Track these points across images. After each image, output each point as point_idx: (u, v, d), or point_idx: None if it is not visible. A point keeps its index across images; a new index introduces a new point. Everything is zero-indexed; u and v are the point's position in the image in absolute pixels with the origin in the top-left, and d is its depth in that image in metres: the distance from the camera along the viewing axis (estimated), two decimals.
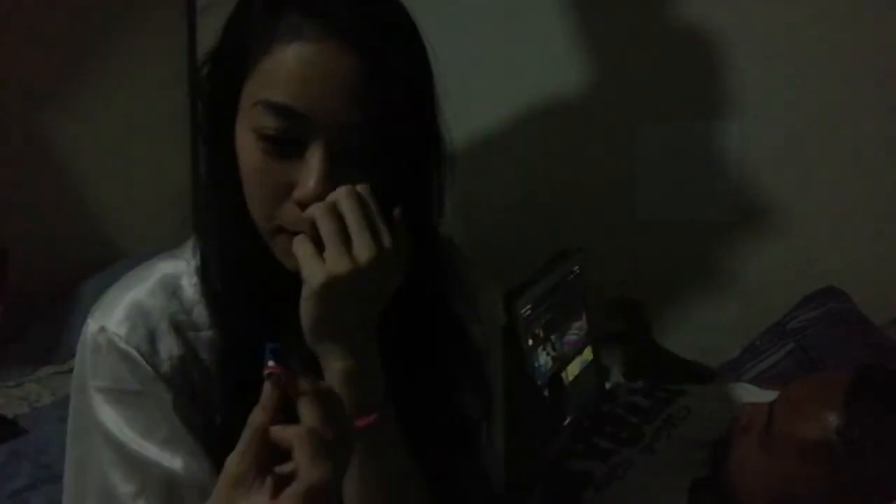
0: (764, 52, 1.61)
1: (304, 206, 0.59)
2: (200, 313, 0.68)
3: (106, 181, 2.06)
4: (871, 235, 1.56)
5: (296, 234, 0.60)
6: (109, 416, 0.65)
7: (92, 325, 0.67)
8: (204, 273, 0.68)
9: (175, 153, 2.11)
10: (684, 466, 1.04)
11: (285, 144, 0.59)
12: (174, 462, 0.64)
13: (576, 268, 1.23)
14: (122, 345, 0.65)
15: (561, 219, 1.84)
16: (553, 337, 1.15)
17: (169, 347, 0.66)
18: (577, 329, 1.24)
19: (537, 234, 1.70)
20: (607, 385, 1.33)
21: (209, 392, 0.67)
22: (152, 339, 0.66)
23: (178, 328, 0.67)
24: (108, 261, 1.92)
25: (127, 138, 2.02)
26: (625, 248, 1.79)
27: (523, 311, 1.06)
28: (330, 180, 0.59)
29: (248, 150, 0.61)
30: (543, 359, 1.12)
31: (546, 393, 1.12)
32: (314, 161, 0.59)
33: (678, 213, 1.76)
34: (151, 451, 0.64)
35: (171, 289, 0.68)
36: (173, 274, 0.69)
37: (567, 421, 1.18)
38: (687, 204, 1.74)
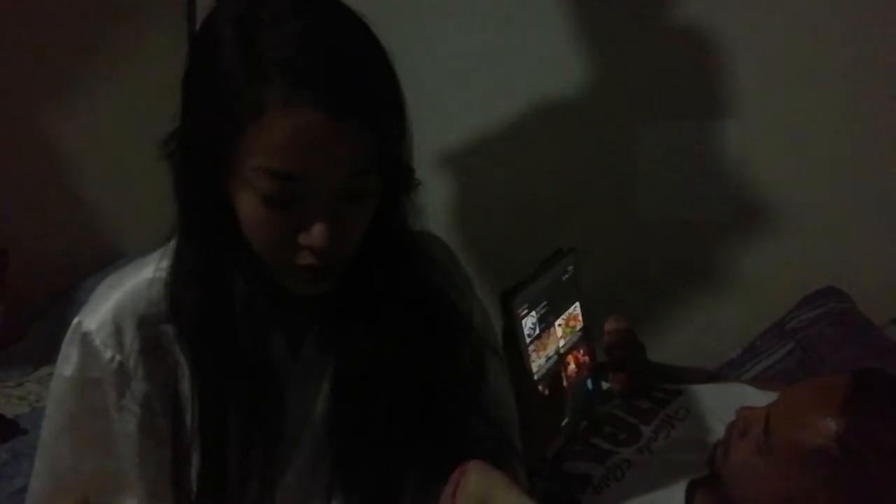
0: (764, 53, 1.60)
1: (313, 250, 0.63)
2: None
3: (106, 181, 2.06)
4: (871, 235, 1.56)
5: (309, 267, 0.64)
6: (70, 402, 0.71)
7: (73, 322, 0.72)
8: (176, 314, 0.71)
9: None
10: (682, 467, 1.04)
11: (289, 202, 0.62)
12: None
13: (570, 267, 1.22)
14: (91, 338, 0.70)
15: (561, 219, 1.84)
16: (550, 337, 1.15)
17: (131, 342, 0.70)
18: (573, 329, 1.24)
19: (537, 235, 1.70)
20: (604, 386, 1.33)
21: (178, 382, 0.72)
22: (119, 333, 0.70)
23: (146, 323, 0.71)
24: (108, 261, 1.92)
25: (127, 138, 2.01)
26: (625, 248, 1.79)
27: (520, 310, 1.06)
28: (337, 229, 0.63)
29: (248, 204, 0.63)
30: (542, 358, 1.12)
31: (545, 392, 1.12)
32: (320, 218, 0.62)
33: (678, 213, 1.76)
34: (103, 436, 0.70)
35: (143, 288, 0.72)
36: (147, 273, 0.73)
37: (565, 421, 1.18)
38: (687, 204, 1.74)
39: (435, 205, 0.81)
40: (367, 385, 0.72)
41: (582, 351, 1.27)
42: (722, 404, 1.13)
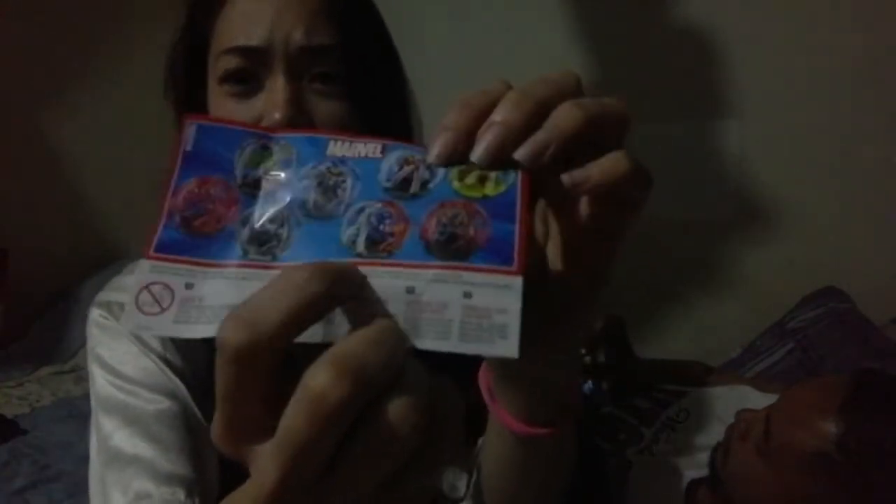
0: (764, 52, 1.60)
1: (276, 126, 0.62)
2: None
3: (106, 181, 2.06)
4: (871, 235, 1.56)
5: None
6: (105, 377, 0.67)
7: (114, 303, 0.69)
8: None
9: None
10: (683, 468, 1.04)
11: (249, 82, 0.61)
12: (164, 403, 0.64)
13: None
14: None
15: None
16: None
17: None
18: None
19: None
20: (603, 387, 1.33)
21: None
22: None
23: None
24: (108, 261, 1.92)
25: (127, 138, 2.02)
26: (625, 248, 1.79)
27: None
28: (294, 106, 0.60)
29: (217, 102, 0.62)
30: None
31: None
32: (276, 87, 0.60)
33: (678, 213, 1.76)
34: (142, 394, 0.65)
35: None
36: None
37: None
38: (687, 204, 1.74)
39: None
40: None
41: (584, 351, 1.27)
42: (723, 406, 1.13)
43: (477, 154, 0.33)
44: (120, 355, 0.67)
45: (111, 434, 0.64)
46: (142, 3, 2.09)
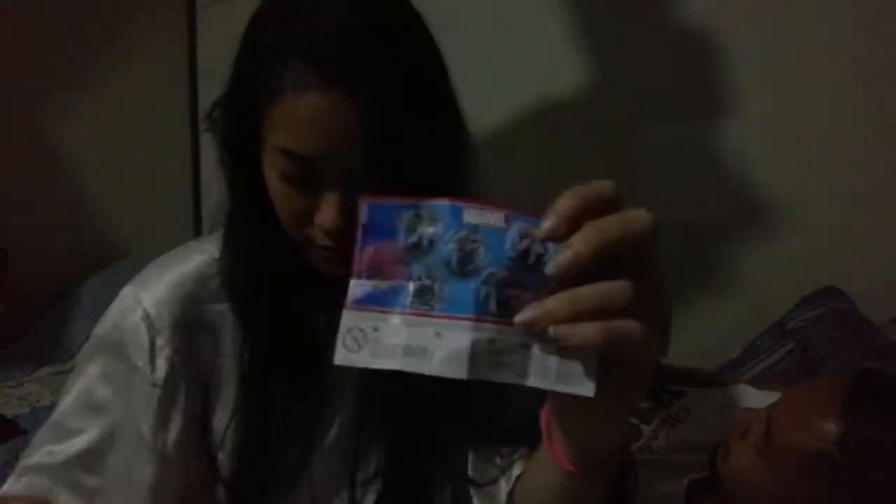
0: (764, 52, 1.60)
1: (324, 232, 0.64)
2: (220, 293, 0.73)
3: (106, 181, 2.06)
4: (871, 235, 1.56)
5: (325, 247, 0.65)
6: (76, 378, 0.72)
7: (126, 290, 0.73)
8: (230, 280, 0.72)
9: (175, 153, 2.11)
10: (682, 467, 1.04)
11: (303, 182, 0.63)
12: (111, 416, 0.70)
13: None
14: (144, 307, 0.71)
15: None
16: None
17: (179, 317, 0.71)
18: None
19: None
20: None
21: (213, 364, 0.73)
22: (172, 306, 0.71)
23: (193, 302, 0.72)
24: (108, 261, 1.92)
25: (127, 138, 2.02)
26: None
27: None
28: (348, 212, 0.62)
29: (272, 180, 0.65)
30: None
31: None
32: (329, 200, 0.62)
33: (678, 212, 1.75)
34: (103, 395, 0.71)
35: (194, 269, 0.73)
36: (199, 256, 0.74)
37: None
38: (687, 204, 1.74)
39: None
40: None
41: None
42: (723, 405, 1.13)
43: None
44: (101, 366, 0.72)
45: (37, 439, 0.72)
46: (142, 3, 2.09)
